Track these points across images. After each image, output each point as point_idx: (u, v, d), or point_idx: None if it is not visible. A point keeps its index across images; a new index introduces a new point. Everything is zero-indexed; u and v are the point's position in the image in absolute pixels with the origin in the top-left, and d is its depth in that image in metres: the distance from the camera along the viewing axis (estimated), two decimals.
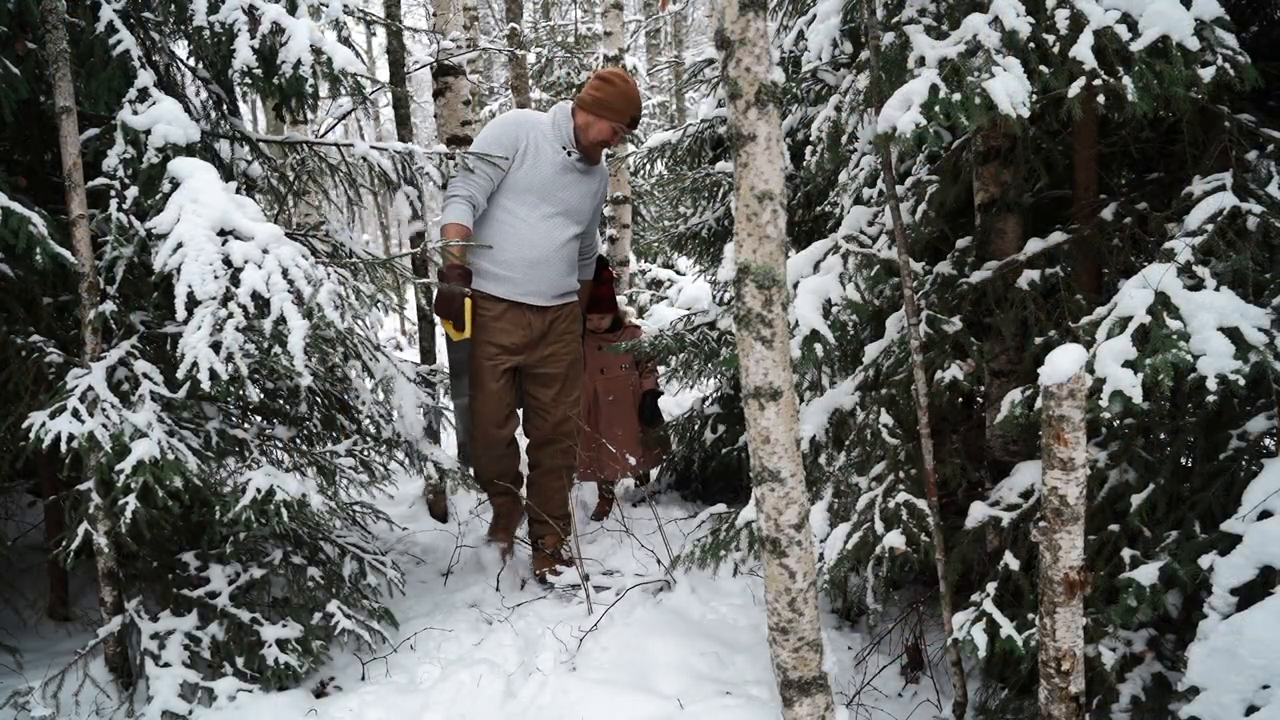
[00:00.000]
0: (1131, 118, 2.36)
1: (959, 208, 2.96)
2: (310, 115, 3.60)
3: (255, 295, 2.57)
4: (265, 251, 2.63)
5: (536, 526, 3.97)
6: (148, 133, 2.80)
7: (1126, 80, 2.09)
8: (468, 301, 3.54)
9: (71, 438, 2.56)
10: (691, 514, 4.32)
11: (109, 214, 2.76)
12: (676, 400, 6.54)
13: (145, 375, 2.77)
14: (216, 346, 2.50)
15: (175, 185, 2.70)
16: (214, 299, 2.54)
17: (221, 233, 2.61)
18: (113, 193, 2.80)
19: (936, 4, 2.51)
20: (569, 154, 3.66)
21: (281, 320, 2.56)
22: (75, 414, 2.59)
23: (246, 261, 2.59)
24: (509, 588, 3.77)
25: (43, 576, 3.36)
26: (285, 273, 2.63)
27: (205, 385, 2.46)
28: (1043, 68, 2.18)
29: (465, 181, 3.59)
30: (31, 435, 2.57)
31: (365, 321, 3.41)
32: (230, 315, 2.53)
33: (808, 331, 2.52)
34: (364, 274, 2.97)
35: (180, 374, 2.50)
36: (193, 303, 2.54)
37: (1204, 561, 2.06)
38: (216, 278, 2.55)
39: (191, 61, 3.40)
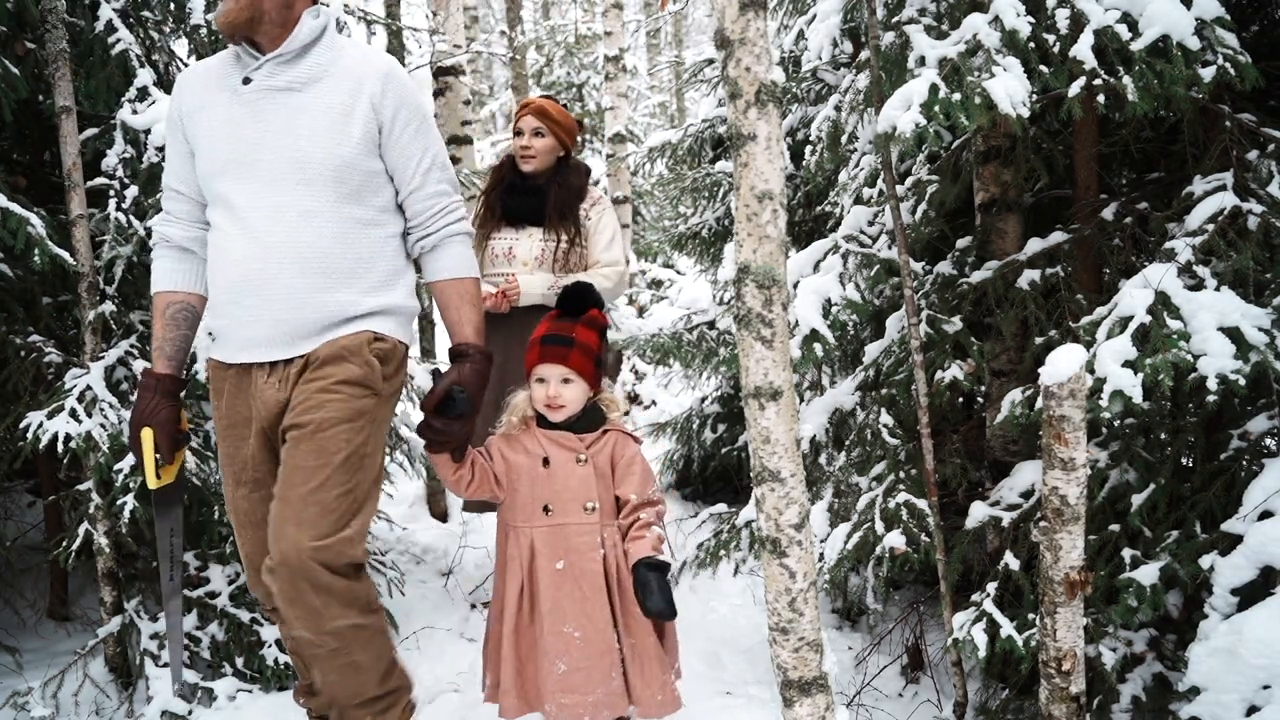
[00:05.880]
0: (1132, 117, 2.36)
1: (959, 207, 2.96)
2: None
3: None
4: None
5: None
6: (148, 132, 2.81)
7: (1127, 80, 2.09)
8: (147, 436, 2.03)
9: (69, 438, 2.56)
10: (691, 514, 4.32)
11: (107, 213, 2.77)
12: (677, 400, 6.54)
13: None
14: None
15: None
16: None
17: None
18: (112, 192, 2.80)
19: (936, 4, 2.51)
20: (247, 80, 1.98)
21: None
22: (73, 414, 2.59)
23: None
24: None
25: (43, 576, 3.35)
26: None
27: None
28: (1043, 67, 2.18)
29: (160, 219, 2.12)
30: (29, 435, 2.57)
31: None
32: None
33: (808, 331, 2.52)
34: None
35: None
36: None
37: (1205, 561, 2.06)
38: None
39: (191, 60, 3.40)
